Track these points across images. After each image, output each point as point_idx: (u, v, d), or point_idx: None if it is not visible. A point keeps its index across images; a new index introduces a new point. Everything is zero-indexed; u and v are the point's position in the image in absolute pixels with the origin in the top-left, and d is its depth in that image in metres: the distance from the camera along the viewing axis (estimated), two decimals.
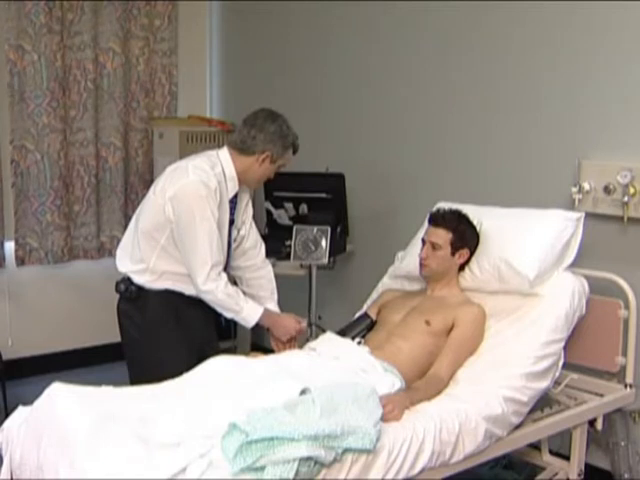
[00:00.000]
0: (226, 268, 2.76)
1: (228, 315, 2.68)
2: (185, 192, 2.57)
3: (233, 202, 2.75)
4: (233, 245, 2.84)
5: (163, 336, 2.71)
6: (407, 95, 3.77)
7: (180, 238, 2.60)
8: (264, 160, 2.68)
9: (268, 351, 2.80)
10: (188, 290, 2.68)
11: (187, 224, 2.57)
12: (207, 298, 2.64)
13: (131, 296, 2.70)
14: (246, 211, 2.89)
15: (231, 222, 2.76)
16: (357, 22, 3.98)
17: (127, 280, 2.71)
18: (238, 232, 2.85)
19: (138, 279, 2.69)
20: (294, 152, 2.79)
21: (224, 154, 2.71)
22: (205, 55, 4.93)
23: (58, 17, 4.18)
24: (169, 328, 2.71)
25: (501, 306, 2.71)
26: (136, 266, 2.69)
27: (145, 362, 2.74)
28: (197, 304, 2.70)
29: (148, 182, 4.61)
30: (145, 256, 2.66)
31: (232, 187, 2.71)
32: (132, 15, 4.52)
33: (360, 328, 2.77)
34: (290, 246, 3.38)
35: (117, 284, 2.74)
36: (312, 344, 2.65)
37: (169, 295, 2.69)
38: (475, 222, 2.79)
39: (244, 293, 2.78)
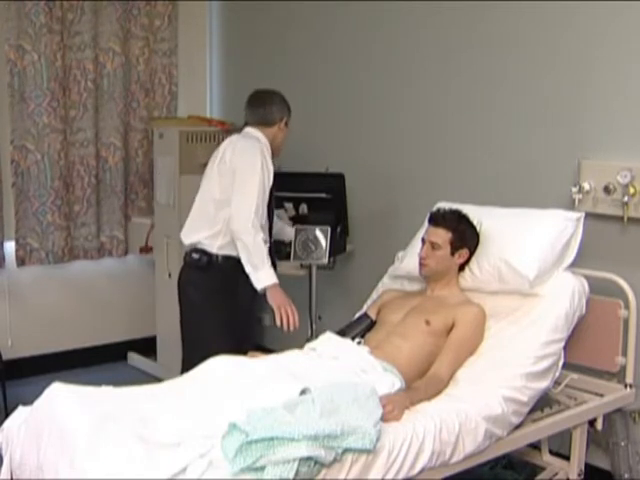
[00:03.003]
0: (271, 233, 3.12)
1: (248, 268, 2.91)
2: (251, 150, 2.99)
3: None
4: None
5: (224, 302, 2.99)
6: (407, 95, 3.77)
7: (239, 181, 2.93)
8: (283, 125, 3.18)
9: (268, 351, 2.79)
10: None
11: (247, 170, 2.94)
12: (246, 240, 2.88)
13: (201, 264, 3.01)
14: None
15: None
16: (357, 23, 3.98)
17: (199, 250, 3.02)
18: None
19: (210, 243, 2.99)
20: None
21: (257, 132, 3.13)
22: (205, 55, 4.93)
23: (58, 17, 4.19)
24: (230, 295, 2.99)
25: (501, 306, 2.71)
26: (211, 230, 3.00)
27: (203, 327, 3.01)
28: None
29: (148, 182, 4.63)
30: (219, 219, 2.99)
31: (271, 159, 3.08)
32: (132, 15, 4.52)
33: (360, 328, 2.77)
34: (290, 246, 3.38)
35: (188, 253, 3.07)
36: (312, 344, 2.65)
37: (236, 264, 2.94)
38: (475, 222, 2.79)
39: None
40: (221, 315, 3.01)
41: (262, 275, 2.91)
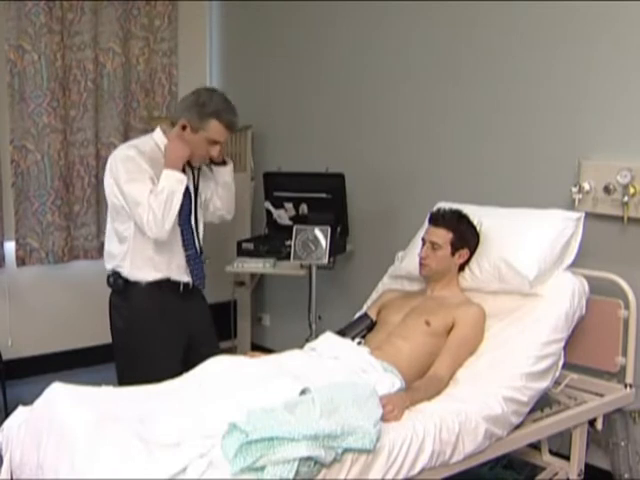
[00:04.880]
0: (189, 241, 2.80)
1: (175, 201, 2.62)
2: (108, 167, 2.68)
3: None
4: (200, 211, 2.87)
5: (147, 327, 2.75)
6: (407, 95, 3.77)
7: (125, 202, 2.64)
8: (184, 128, 2.68)
9: (268, 351, 2.80)
10: (173, 275, 2.76)
11: (120, 187, 2.63)
12: (156, 222, 2.60)
13: (118, 288, 2.76)
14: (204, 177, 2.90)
15: (195, 190, 2.81)
16: (357, 23, 3.98)
17: (115, 273, 2.77)
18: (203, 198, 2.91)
19: (128, 270, 2.75)
20: (228, 128, 2.71)
21: (156, 132, 2.80)
22: (205, 55, 4.93)
23: (58, 17, 4.19)
24: (153, 319, 2.75)
25: (501, 306, 2.71)
26: (115, 262, 2.76)
27: (129, 353, 2.79)
28: (189, 296, 2.81)
29: None
30: (118, 252, 2.74)
31: None
32: (132, 15, 4.52)
33: (360, 328, 2.77)
34: (290, 246, 3.38)
35: (107, 277, 2.81)
36: (312, 344, 2.65)
37: (155, 286, 2.74)
38: (475, 222, 2.80)
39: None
40: (148, 341, 2.74)
41: (167, 184, 2.62)
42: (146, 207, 2.60)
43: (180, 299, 2.80)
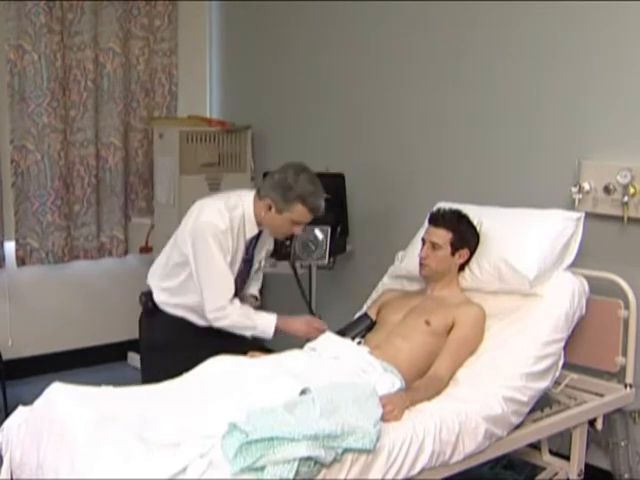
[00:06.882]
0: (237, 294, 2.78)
1: (247, 334, 2.72)
2: (197, 231, 2.64)
3: (252, 243, 2.79)
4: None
5: (162, 357, 2.76)
6: (407, 95, 3.77)
7: (195, 271, 2.67)
8: (269, 208, 2.66)
9: (268, 351, 2.79)
10: (200, 322, 2.76)
11: (199, 260, 2.65)
12: (224, 324, 2.67)
13: (147, 311, 2.82)
14: (262, 251, 2.92)
15: (246, 261, 2.81)
16: (357, 23, 3.98)
17: (148, 294, 2.81)
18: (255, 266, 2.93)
19: (157, 296, 2.79)
20: (312, 212, 2.66)
21: (249, 197, 2.73)
22: (205, 55, 4.93)
23: (58, 17, 4.19)
24: (171, 351, 2.75)
25: (501, 306, 2.71)
26: (162, 282, 2.79)
27: (145, 374, 2.85)
28: (213, 337, 2.73)
29: (148, 182, 4.63)
30: (171, 279, 2.78)
31: (250, 229, 2.73)
32: (132, 15, 4.52)
33: (360, 328, 2.76)
34: (290, 246, 3.38)
35: (140, 295, 2.85)
36: (312, 344, 2.64)
37: (181, 322, 2.76)
38: (475, 222, 2.79)
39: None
40: (158, 372, 2.57)
41: (261, 328, 2.71)
42: (215, 293, 2.64)
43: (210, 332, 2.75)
